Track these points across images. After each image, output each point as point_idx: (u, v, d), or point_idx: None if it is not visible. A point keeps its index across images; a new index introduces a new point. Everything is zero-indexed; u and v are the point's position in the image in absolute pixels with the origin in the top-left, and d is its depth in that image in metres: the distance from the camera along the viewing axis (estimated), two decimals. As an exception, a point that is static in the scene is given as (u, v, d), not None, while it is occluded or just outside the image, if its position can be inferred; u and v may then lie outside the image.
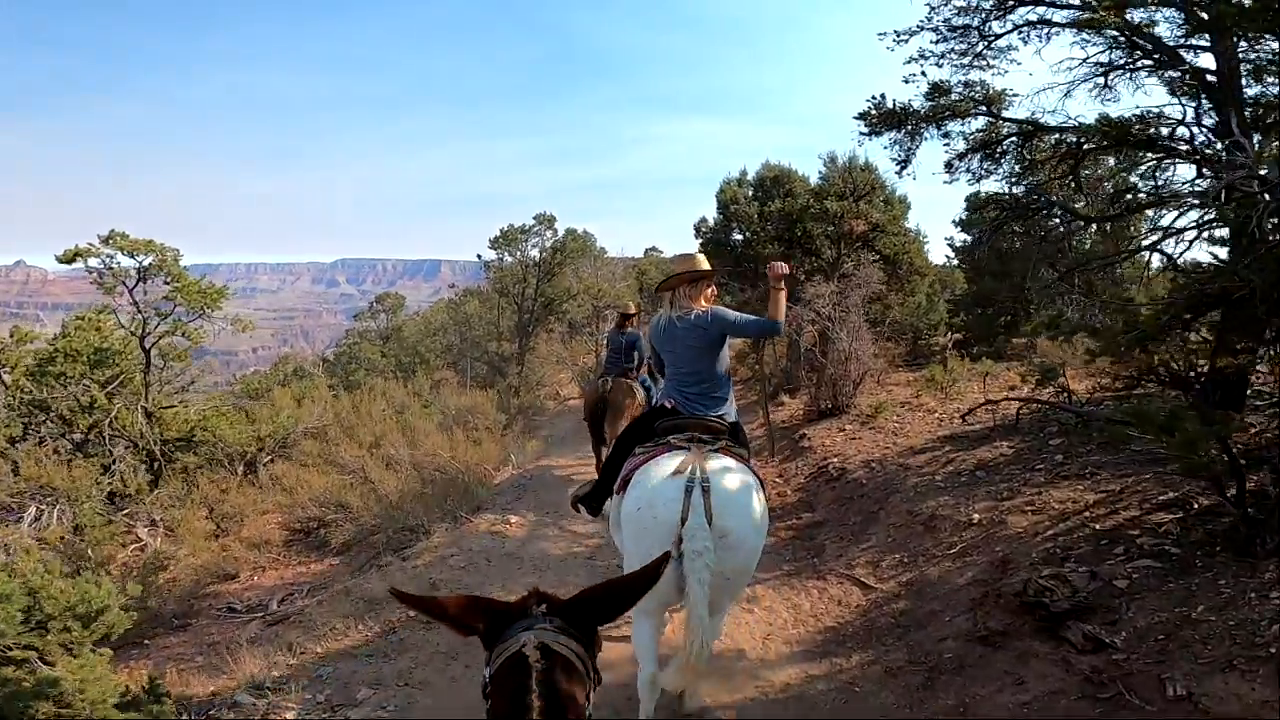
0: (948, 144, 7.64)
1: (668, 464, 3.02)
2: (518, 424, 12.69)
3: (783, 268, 3.41)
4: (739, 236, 13.60)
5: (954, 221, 17.94)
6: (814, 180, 11.95)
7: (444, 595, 1.31)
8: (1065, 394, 7.19)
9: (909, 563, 4.92)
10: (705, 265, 3.50)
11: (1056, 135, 6.98)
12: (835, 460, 7.42)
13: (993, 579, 4.26)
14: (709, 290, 3.51)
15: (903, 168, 7.77)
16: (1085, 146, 6.82)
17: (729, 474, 2.98)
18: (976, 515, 4.96)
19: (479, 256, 16.26)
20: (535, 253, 16.13)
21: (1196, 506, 4.27)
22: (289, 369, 17.90)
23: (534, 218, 15.97)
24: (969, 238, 17.37)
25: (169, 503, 8.76)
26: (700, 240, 14.27)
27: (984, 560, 4.47)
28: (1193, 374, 7.47)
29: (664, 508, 2.84)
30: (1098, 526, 4.30)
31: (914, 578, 4.73)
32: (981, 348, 14.28)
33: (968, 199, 17.20)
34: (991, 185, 8.34)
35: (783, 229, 10.95)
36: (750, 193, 13.09)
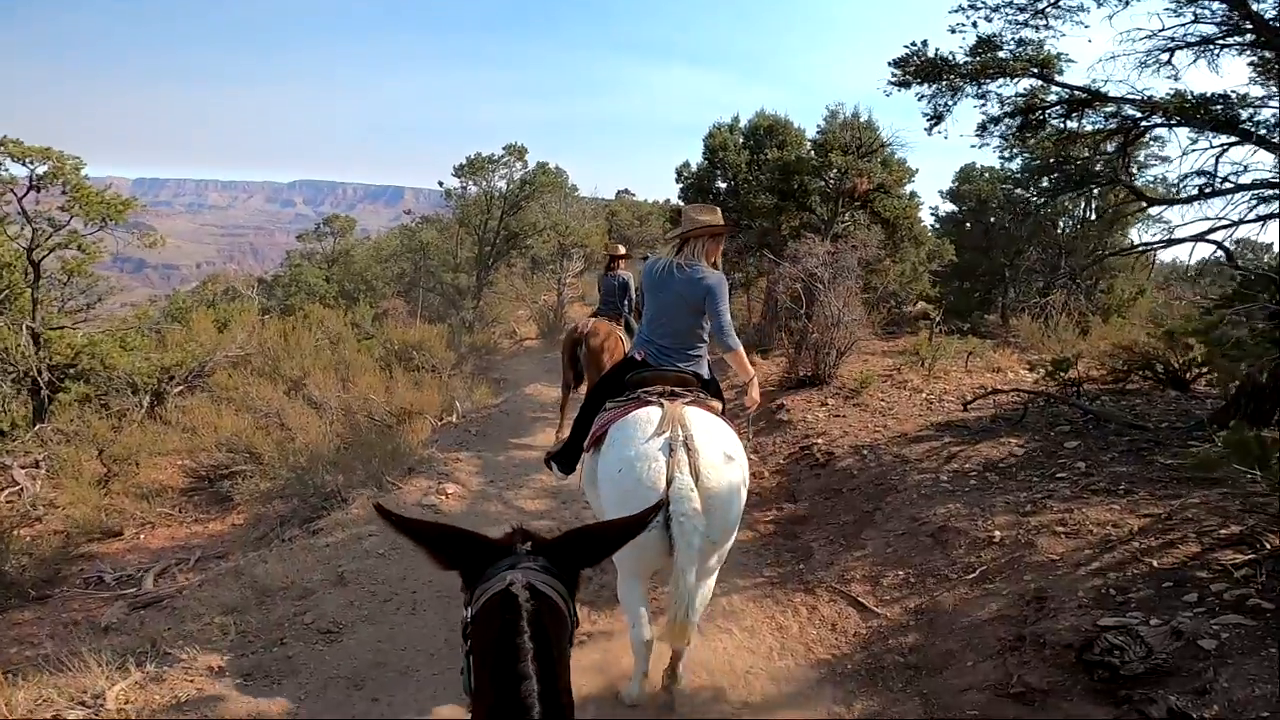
0: (982, 105, 6.79)
1: (645, 420, 2.90)
2: (468, 364, 11.66)
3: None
4: (723, 184, 12.69)
5: (940, 192, 17.21)
6: (811, 136, 10.97)
7: (431, 520, 1.26)
8: (1076, 388, 6.48)
9: (916, 584, 4.15)
10: (720, 220, 3.39)
11: (1114, 108, 6.13)
12: (819, 442, 6.62)
13: (1025, 617, 3.50)
14: (719, 245, 3.44)
15: (935, 124, 6.90)
16: (1146, 123, 5.99)
17: (711, 429, 2.89)
18: (998, 532, 4.19)
19: (440, 184, 14.95)
20: (502, 184, 14.89)
21: (1268, 547, 3.57)
22: (218, 289, 16.36)
23: (504, 148, 14.72)
24: (956, 208, 16.69)
25: (55, 440, 7.57)
26: (681, 185, 13.32)
27: (1011, 591, 3.71)
28: (1188, 374, 6.91)
29: (647, 469, 2.72)
30: (1154, 563, 3.55)
31: (924, 604, 3.96)
32: (957, 322, 13.75)
33: (959, 170, 16.49)
34: (987, 155, 7.56)
35: (778, 180, 9.95)
36: (740, 140, 12.12)
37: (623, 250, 7.94)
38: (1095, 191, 6.32)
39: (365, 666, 3.46)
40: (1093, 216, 14.31)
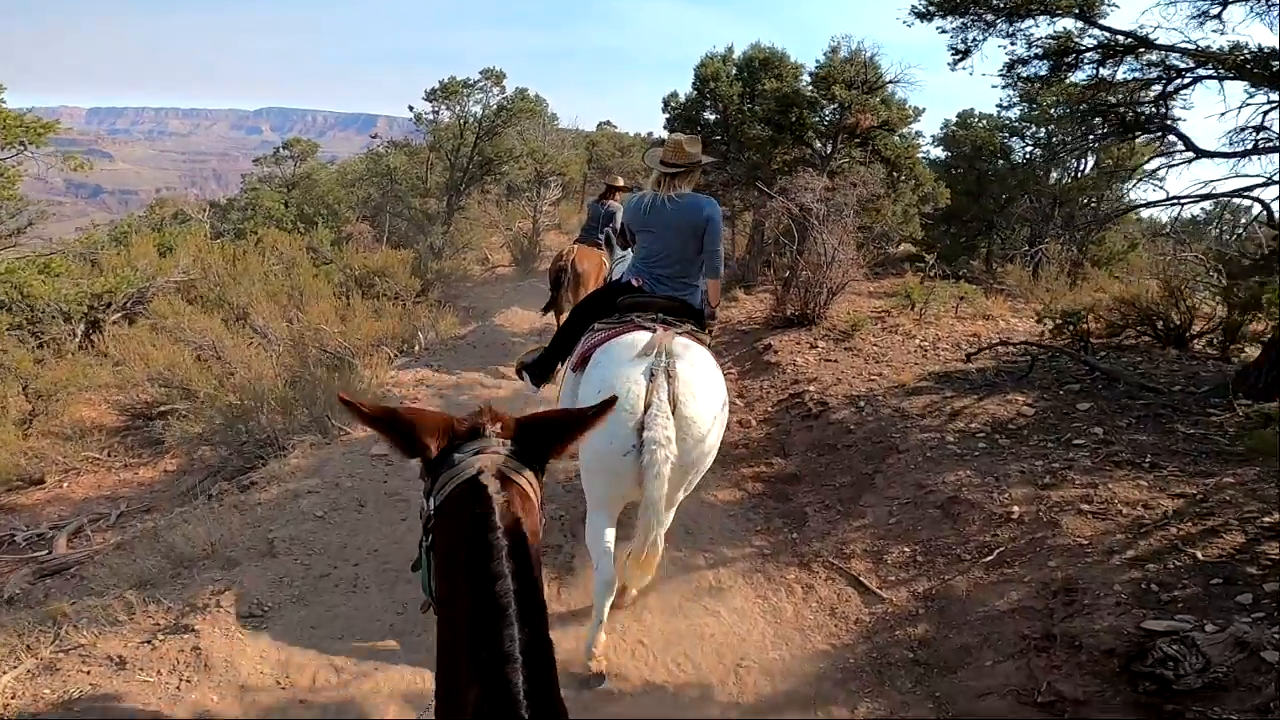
0: (1010, 45, 6.18)
1: (631, 343, 2.89)
2: (435, 292, 10.97)
3: None
4: (712, 116, 11.91)
5: (932, 137, 16.62)
6: (811, 70, 10.18)
7: (387, 406, 1.14)
8: (1084, 344, 6.03)
9: (925, 563, 3.72)
10: (702, 152, 3.38)
11: (1158, 56, 5.55)
12: (811, 389, 6.13)
13: (1052, 611, 3.08)
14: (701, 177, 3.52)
15: (960, 59, 6.31)
16: (1193, 74, 5.41)
17: (694, 358, 2.88)
18: (1016, 507, 3.75)
19: (411, 109, 13.81)
20: (478, 109, 13.82)
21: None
22: (168, 213, 15.23)
23: (480, 72, 13.60)
24: (948, 154, 16.13)
25: (-32, 373, 6.86)
26: (668, 115, 12.53)
27: (1034, 579, 3.28)
28: (1190, 333, 6.51)
29: (625, 393, 2.67)
30: (1198, 554, 3.13)
31: (934, 588, 3.53)
32: (943, 266, 13.37)
33: (959, 114, 15.94)
34: (986, 102, 6.96)
35: (774, 111, 9.18)
36: (734, 72, 11.28)
37: (622, 183, 7.82)
38: (1136, 139, 5.81)
39: (293, 659, 2.96)
40: (1083, 170, 13.96)
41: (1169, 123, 5.55)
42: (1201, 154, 5.26)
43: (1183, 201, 5.76)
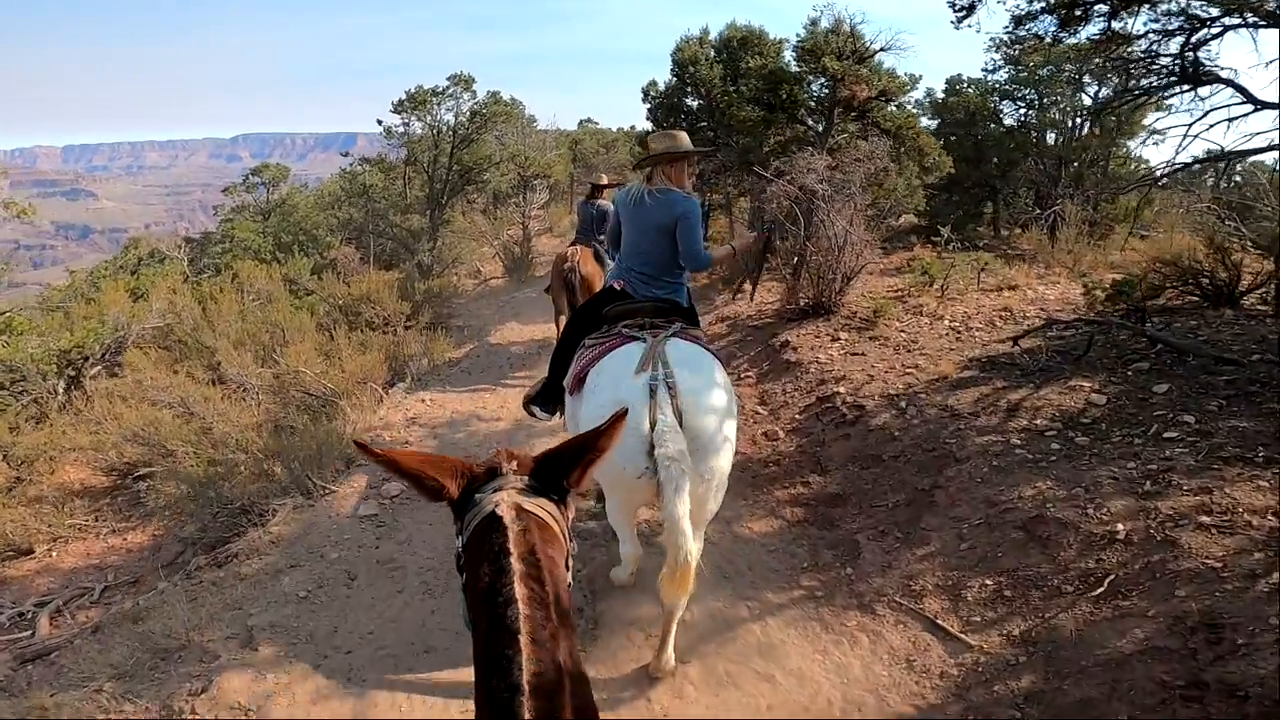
0: None
1: (625, 360, 2.81)
2: (425, 314, 10.37)
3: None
4: (694, 103, 11.32)
5: (917, 103, 16.11)
6: (789, 49, 9.59)
7: (411, 452, 1.20)
8: (1141, 314, 5.43)
9: (1015, 599, 3.14)
10: (688, 144, 3.33)
11: (1179, 5, 5.01)
12: (841, 389, 5.54)
13: (1195, 651, 2.51)
14: (691, 169, 3.41)
15: (965, 15, 5.82)
16: (1221, 24, 4.85)
17: (693, 365, 2.80)
18: (1120, 524, 3.16)
19: (379, 122, 13.16)
20: (450, 117, 13.17)
21: None
22: (142, 252, 14.63)
23: (448, 78, 12.92)
24: (939, 120, 15.61)
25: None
26: (649, 106, 11.96)
27: (1162, 612, 2.71)
28: (1240, 290, 5.93)
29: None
30: (1366, 573, 2.55)
31: (1033, 629, 2.95)
32: (947, 235, 12.86)
33: (947, 81, 15.51)
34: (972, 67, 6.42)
35: (763, 90, 8.58)
36: (712, 54, 10.67)
37: (605, 180, 7.88)
38: (1191, 92, 5.28)
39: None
40: (1081, 130, 13.47)
41: (1222, 73, 4.97)
42: (1263, 105, 4.67)
43: (1232, 158, 5.16)
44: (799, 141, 9.00)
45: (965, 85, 14.89)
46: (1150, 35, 5.66)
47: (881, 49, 7.98)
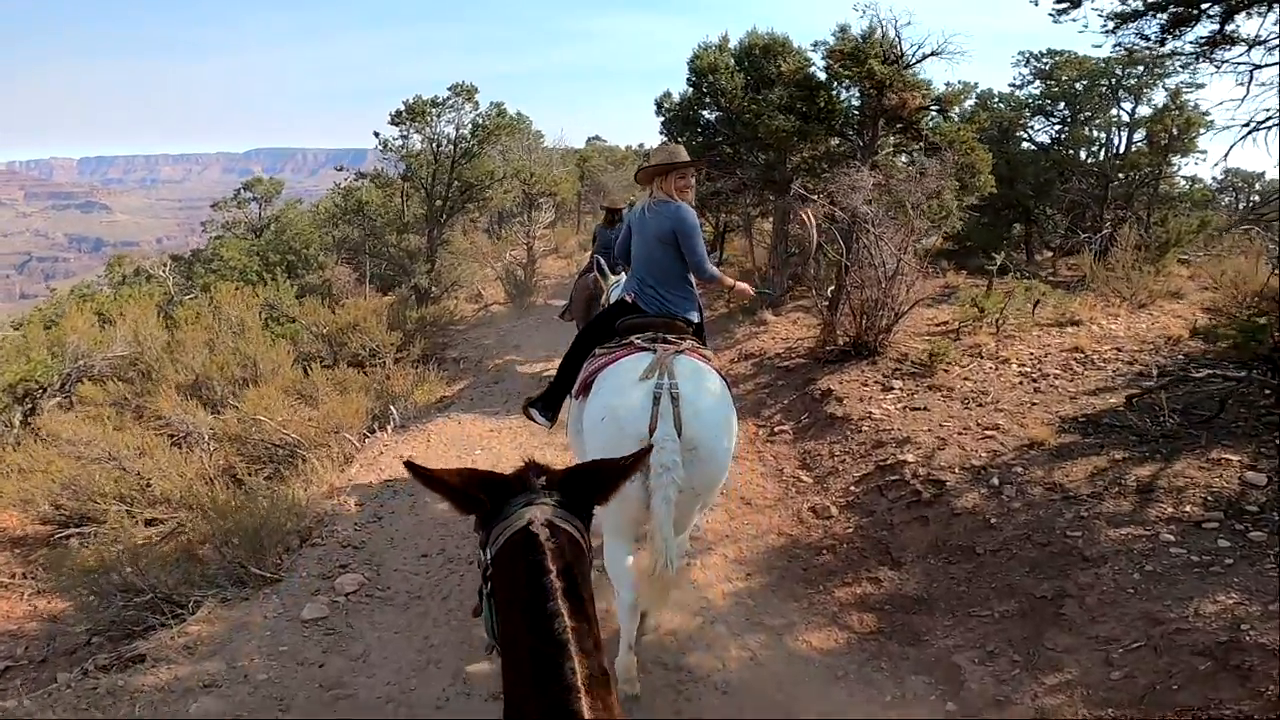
0: None
1: (632, 367, 2.82)
2: (418, 344, 9.38)
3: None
4: (712, 115, 10.47)
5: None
6: (819, 51, 8.73)
7: (447, 469, 1.22)
8: (1273, 364, 4.43)
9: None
10: (684, 156, 3.37)
11: None
12: (909, 457, 4.54)
13: None
14: (684, 181, 3.34)
15: (1068, 9, 5.09)
16: None
17: (699, 378, 2.80)
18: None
19: (376, 135, 12.31)
20: (450, 130, 12.32)
21: None
22: (126, 270, 13.76)
23: (449, 89, 12.08)
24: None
25: None
26: (663, 119, 11.13)
27: None
28: None
29: (630, 418, 2.63)
30: None
31: None
32: (980, 261, 11.93)
33: (978, 95, 14.69)
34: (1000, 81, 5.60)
35: (797, 98, 7.67)
36: (732, 62, 9.82)
37: (622, 206, 7.61)
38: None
39: None
40: (1121, 146, 12.64)
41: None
42: None
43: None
44: (833, 156, 8.12)
45: (995, 100, 14.13)
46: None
47: (931, 54, 7.07)
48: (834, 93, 7.46)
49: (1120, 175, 12.33)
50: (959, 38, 7.07)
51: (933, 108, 7.22)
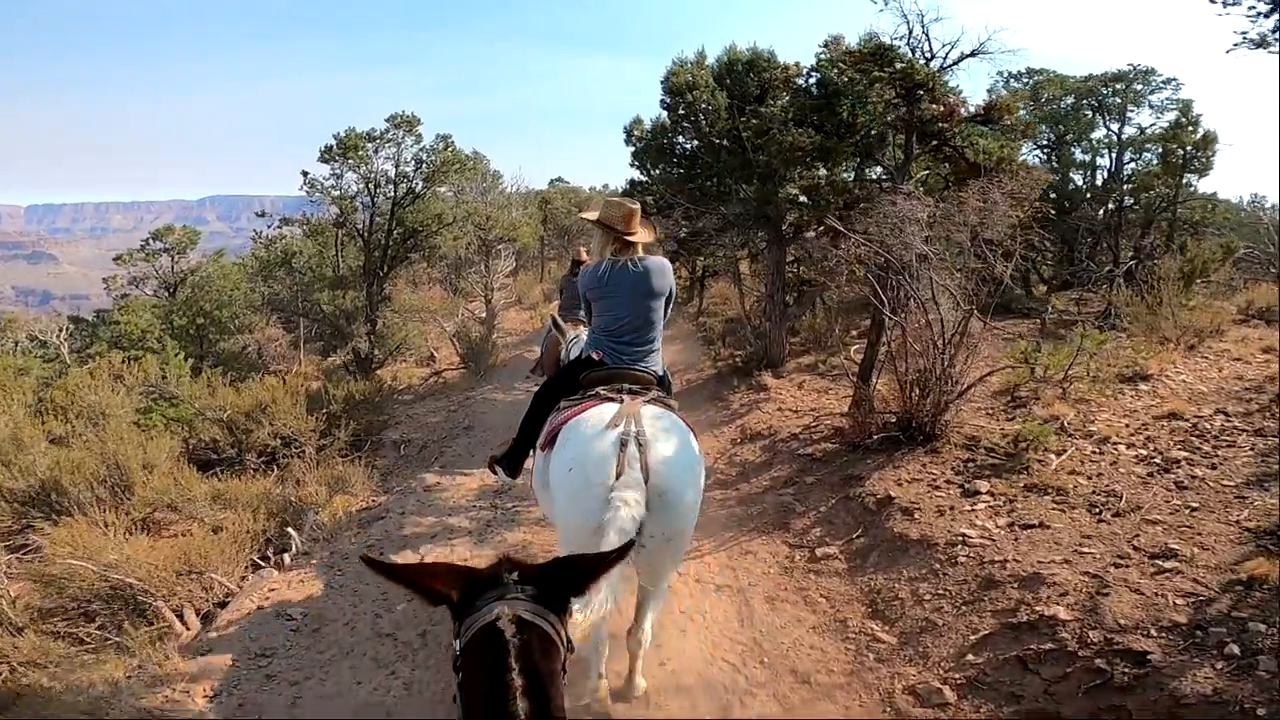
0: None
1: (599, 418, 2.74)
2: (344, 429, 7.52)
3: None
4: (689, 144, 9.11)
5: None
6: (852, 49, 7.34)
7: (414, 563, 1.27)
8: None
9: None
10: (634, 205, 3.19)
11: None
12: (1061, 612, 2.96)
13: None
14: (648, 228, 3.27)
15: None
16: None
17: (665, 427, 2.75)
18: None
19: (305, 174, 10.58)
20: (389, 167, 10.66)
21: None
22: (18, 336, 11.70)
23: (386, 120, 10.45)
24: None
25: None
26: (633, 148, 9.74)
27: None
28: None
29: (596, 467, 2.54)
30: None
31: None
32: (1061, 306, 10.62)
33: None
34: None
35: (811, 108, 6.22)
36: (711, 80, 8.45)
37: (585, 256, 7.25)
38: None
39: None
40: (1112, 166, 11.61)
41: None
42: None
43: None
44: (836, 185, 6.69)
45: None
46: None
47: (970, 54, 5.69)
48: (854, 103, 6.01)
49: (1130, 199, 11.27)
50: (1005, 33, 5.69)
51: (979, 119, 5.80)
